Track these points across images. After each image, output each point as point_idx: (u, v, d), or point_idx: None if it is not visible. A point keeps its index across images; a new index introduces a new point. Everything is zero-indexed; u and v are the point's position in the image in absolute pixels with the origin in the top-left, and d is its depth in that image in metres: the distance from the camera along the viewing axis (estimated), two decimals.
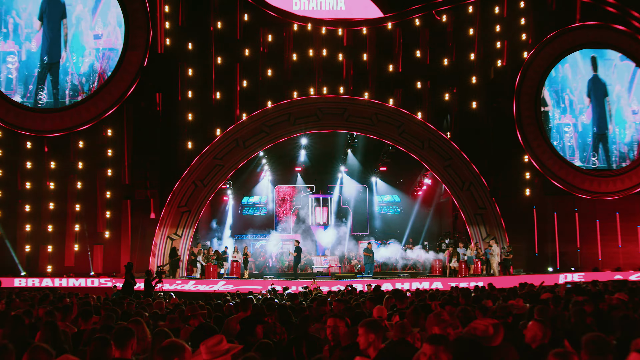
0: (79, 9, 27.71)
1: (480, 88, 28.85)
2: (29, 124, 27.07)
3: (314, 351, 7.54)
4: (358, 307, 11.06)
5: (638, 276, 26.00)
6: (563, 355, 5.12)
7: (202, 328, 8.14)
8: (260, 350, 6.42)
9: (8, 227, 27.04)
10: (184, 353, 4.53)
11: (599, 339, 5.50)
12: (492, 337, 6.10)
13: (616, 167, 29.30)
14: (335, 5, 29.22)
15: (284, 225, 32.72)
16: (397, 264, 29.27)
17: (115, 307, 10.23)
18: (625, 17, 29.71)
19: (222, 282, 24.55)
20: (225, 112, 27.80)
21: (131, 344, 5.50)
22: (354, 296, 14.76)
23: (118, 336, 5.49)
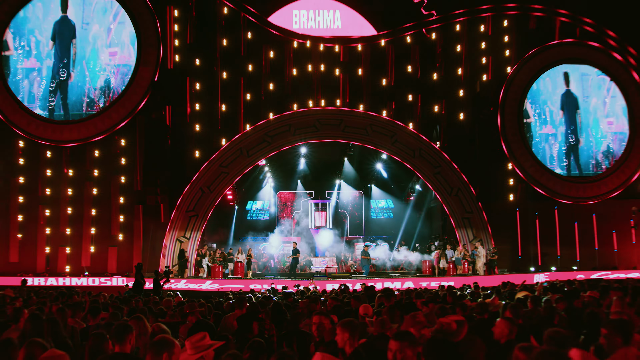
0: (95, 29, 27.83)
1: (467, 101, 28.92)
2: (49, 134, 27.20)
3: (304, 346, 7.58)
4: (348, 304, 11.09)
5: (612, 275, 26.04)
6: (527, 349, 5.17)
7: (199, 324, 8.16)
8: (252, 348, 6.44)
9: (29, 230, 27.15)
10: (173, 348, 4.56)
11: (558, 334, 5.58)
12: (456, 332, 6.17)
13: (593, 174, 29.32)
14: (332, 24, 29.34)
15: (285, 228, 32.70)
16: (387, 265, 29.27)
17: (122, 305, 10.27)
18: (601, 36, 29.77)
19: (209, 281, 24.71)
20: (230, 123, 27.83)
21: (129, 339, 5.53)
22: (346, 294, 14.75)
23: (117, 332, 5.53)
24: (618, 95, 29.79)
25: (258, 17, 28.42)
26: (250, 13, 28.31)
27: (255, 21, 28.35)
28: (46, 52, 27.66)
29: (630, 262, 28.70)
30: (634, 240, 28.85)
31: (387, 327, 6.56)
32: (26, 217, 27.13)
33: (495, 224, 28.21)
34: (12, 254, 27.01)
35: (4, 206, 27.20)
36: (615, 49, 29.72)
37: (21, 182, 27.21)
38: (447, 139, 28.79)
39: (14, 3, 27.68)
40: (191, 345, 4.82)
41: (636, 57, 29.72)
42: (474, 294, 14.29)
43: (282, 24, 28.78)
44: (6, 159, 27.36)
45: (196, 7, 28.27)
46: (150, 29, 27.58)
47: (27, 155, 27.32)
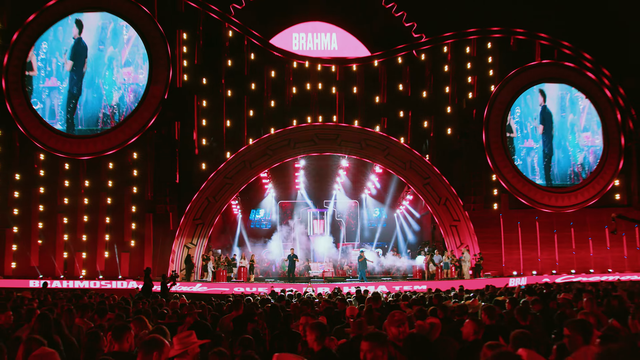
0: (110, 50, 28.03)
1: (454, 116, 29.01)
2: (67, 148, 27.34)
3: (294, 345, 7.62)
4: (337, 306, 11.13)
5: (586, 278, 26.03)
6: (494, 347, 5.22)
7: (197, 325, 8.21)
8: (242, 344, 6.49)
9: (48, 236, 27.24)
10: (163, 347, 4.61)
11: (522, 334, 5.63)
12: (430, 333, 6.23)
13: (570, 185, 29.37)
14: (329, 45, 29.57)
15: (286, 235, 32.68)
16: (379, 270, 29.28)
17: (127, 306, 10.30)
18: (578, 57, 29.92)
19: (198, 284, 24.77)
20: (234, 138, 27.90)
21: (127, 337, 5.57)
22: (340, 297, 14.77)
23: (115, 331, 5.58)
24: (593, 111, 29.87)
25: (260, 39, 28.57)
26: (254, 36, 28.47)
27: (258, 43, 28.50)
28: (65, 72, 27.87)
29: (604, 266, 28.69)
30: (608, 246, 28.84)
31: (364, 328, 6.59)
32: (46, 225, 27.24)
33: (481, 231, 28.21)
34: (32, 258, 27.10)
35: (26, 214, 27.31)
36: (590, 69, 29.84)
37: (41, 192, 27.34)
38: (436, 152, 28.79)
39: (37, 28, 27.90)
40: (178, 341, 4.88)
41: (609, 78, 29.85)
42: (457, 297, 14.32)
43: (282, 46, 28.97)
44: (28, 170, 27.49)
45: (203, 31, 28.35)
46: (161, 51, 27.75)
47: (47, 167, 27.46)
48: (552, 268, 28.45)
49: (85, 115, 27.71)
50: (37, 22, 28.01)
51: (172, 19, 28.10)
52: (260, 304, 12.35)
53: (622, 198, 29.45)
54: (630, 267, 28.67)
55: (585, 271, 28.27)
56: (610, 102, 29.73)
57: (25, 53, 27.84)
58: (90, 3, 28.27)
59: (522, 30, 29.92)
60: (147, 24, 27.91)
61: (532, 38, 29.85)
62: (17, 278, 26.35)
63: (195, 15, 28.30)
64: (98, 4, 28.23)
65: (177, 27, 27.99)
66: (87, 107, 27.74)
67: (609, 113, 29.72)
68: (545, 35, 29.88)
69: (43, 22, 28.06)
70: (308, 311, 8.66)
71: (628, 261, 28.90)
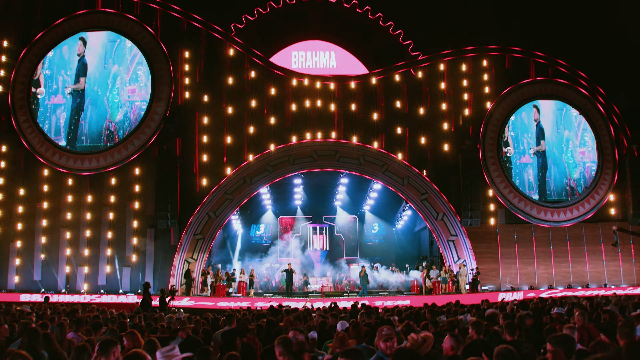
0: (114, 69, 28.25)
1: (451, 133, 29.03)
2: (71, 164, 27.45)
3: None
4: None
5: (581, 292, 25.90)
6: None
7: (188, 340, 8.18)
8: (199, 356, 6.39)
9: (52, 250, 27.26)
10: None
11: (505, 350, 5.60)
12: (422, 347, 6.21)
13: (565, 199, 29.35)
14: (328, 63, 29.71)
15: (286, 250, 32.65)
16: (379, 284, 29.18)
17: (123, 320, 10.27)
18: (573, 75, 30.05)
19: (186, 298, 24.68)
20: (235, 154, 27.92)
21: (113, 352, 5.56)
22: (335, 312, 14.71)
23: (101, 345, 5.57)
24: (588, 128, 29.93)
25: (261, 58, 28.73)
26: (254, 54, 28.63)
27: (259, 61, 28.65)
28: (70, 89, 28.10)
29: (600, 280, 28.58)
30: (604, 260, 28.76)
31: (345, 343, 6.57)
32: (49, 239, 27.27)
33: (478, 246, 28.19)
34: (35, 272, 27.11)
35: (29, 229, 27.35)
36: (585, 87, 29.95)
37: (45, 207, 27.38)
38: (433, 167, 28.75)
39: (43, 46, 28.24)
40: (161, 355, 4.88)
41: (604, 96, 29.97)
42: (450, 312, 14.25)
43: (282, 64, 29.12)
44: (32, 186, 27.56)
45: (205, 49, 28.53)
46: (163, 69, 27.95)
47: (50, 182, 27.53)
48: (549, 282, 28.34)
49: (89, 132, 27.87)
50: (43, 40, 28.32)
51: (174, 37, 28.30)
52: (256, 318, 12.31)
53: (617, 213, 29.38)
54: (627, 281, 28.57)
55: (582, 285, 28.19)
56: (604, 118, 29.81)
57: (31, 71, 28.13)
58: (95, 22, 28.55)
59: (519, 48, 30.11)
60: (150, 42, 28.14)
61: (528, 56, 30.01)
62: (20, 292, 26.32)
63: (197, 34, 28.52)
64: (103, 23, 28.52)
65: (179, 46, 28.18)
66: (91, 123, 27.91)
67: (603, 129, 29.79)
68: (542, 54, 30.04)
69: (48, 42, 28.37)
70: (297, 326, 8.63)
71: (624, 275, 28.79)
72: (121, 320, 9.99)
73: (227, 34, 28.76)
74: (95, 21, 28.52)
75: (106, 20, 28.44)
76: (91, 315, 12.51)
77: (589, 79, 30.04)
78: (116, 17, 28.37)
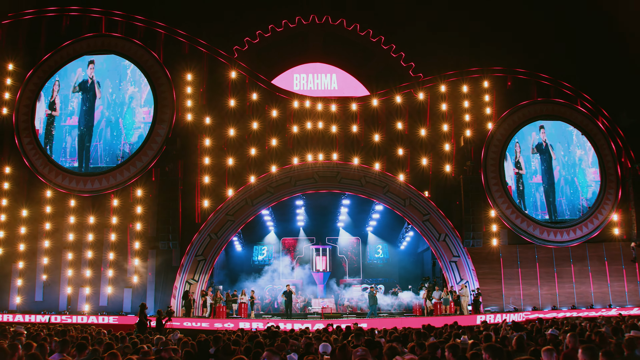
0: (131, 90, 28.49)
1: (452, 154, 28.95)
2: (73, 185, 27.58)
3: None
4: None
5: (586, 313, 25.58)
6: None
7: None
8: None
9: (53, 272, 27.26)
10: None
11: None
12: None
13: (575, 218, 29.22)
14: (329, 85, 29.88)
15: (288, 271, 32.50)
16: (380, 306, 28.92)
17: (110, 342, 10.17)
18: (577, 97, 30.06)
19: (185, 319, 24.53)
20: (236, 176, 27.92)
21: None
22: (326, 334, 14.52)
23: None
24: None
25: (263, 80, 28.91)
26: (256, 77, 28.82)
27: (260, 84, 28.81)
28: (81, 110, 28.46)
29: (605, 300, 28.26)
30: (608, 280, 28.46)
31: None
32: (51, 260, 27.28)
33: (481, 267, 27.97)
34: (37, 293, 27.11)
35: (32, 250, 27.40)
36: (587, 107, 29.94)
37: (47, 228, 27.45)
38: (435, 188, 28.66)
39: (47, 69, 28.65)
40: None
41: (606, 116, 29.92)
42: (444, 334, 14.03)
43: (284, 86, 29.30)
44: (35, 207, 27.66)
45: (207, 72, 28.74)
46: (166, 92, 28.17)
47: (53, 204, 27.62)
48: (553, 303, 28.03)
49: (105, 153, 28.01)
50: (48, 63, 28.67)
51: (177, 60, 28.54)
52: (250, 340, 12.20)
53: (621, 232, 29.11)
54: (632, 302, 28.23)
55: (587, 306, 27.88)
56: (606, 137, 29.72)
57: (35, 93, 28.43)
58: (99, 46, 28.87)
59: (522, 69, 30.17)
60: (153, 65, 28.41)
61: (532, 78, 30.05)
62: (22, 313, 26.28)
63: (199, 56, 28.77)
64: (107, 46, 28.83)
65: (181, 68, 28.35)
66: (107, 144, 28.08)
67: (606, 149, 29.70)
68: (546, 76, 30.09)
69: (53, 65, 28.71)
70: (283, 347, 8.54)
71: (629, 295, 28.47)
72: (107, 342, 9.89)
73: (229, 57, 28.99)
74: (99, 44, 28.85)
75: (110, 44, 28.77)
76: (82, 336, 12.42)
77: (592, 99, 30.04)
78: (120, 41, 28.71)
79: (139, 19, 29.01)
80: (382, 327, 20.11)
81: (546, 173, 29.59)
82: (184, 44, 28.90)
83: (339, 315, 27.90)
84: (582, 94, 30.17)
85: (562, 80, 30.09)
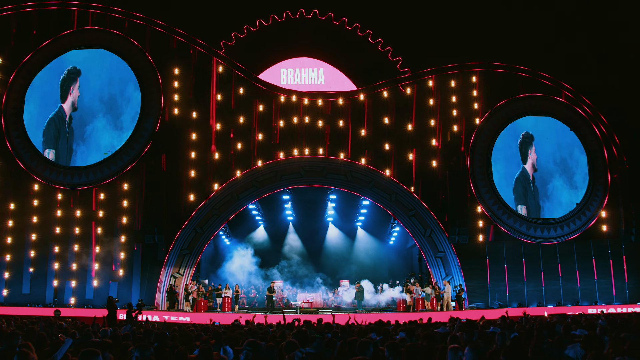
0: (118, 84, 28.71)
1: (439, 149, 28.89)
2: (61, 179, 27.85)
3: None
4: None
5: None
6: None
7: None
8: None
9: (40, 264, 27.55)
10: None
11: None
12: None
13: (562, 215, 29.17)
14: (316, 80, 29.93)
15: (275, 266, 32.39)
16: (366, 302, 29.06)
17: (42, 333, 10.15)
18: (558, 88, 29.87)
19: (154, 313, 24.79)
20: (222, 170, 28.01)
21: None
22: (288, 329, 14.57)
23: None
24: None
25: (249, 74, 28.94)
26: (242, 71, 28.86)
27: (247, 78, 28.85)
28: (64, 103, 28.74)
29: (592, 297, 28.21)
30: (595, 277, 28.41)
31: None
32: (38, 253, 27.55)
33: (466, 262, 27.95)
34: (24, 286, 27.44)
35: (19, 243, 27.69)
36: (572, 100, 29.75)
37: (34, 221, 27.72)
38: (421, 183, 28.61)
39: (36, 63, 28.79)
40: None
41: (591, 107, 29.70)
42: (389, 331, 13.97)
43: (271, 80, 29.36)
44: (22, 200, 27.94)
45: (194, 66, 28.83)
46: (153, 85, 28.29)
47: (41, 197, 27.87)
48: (539, 299, 28.02)
49: (90, 147, 28.25)
50: (36, 57, 28.80)
51: (163, 54, 28.65)
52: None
53: (609, 229, 28.99)
54: (620, 299, 28.18)
55: (574, 302, 27.86)
56: (595, 134, 29.54)
57: (24, 87, 28.56)
58: (88, 40, 29.00)
59: (502, 63, 30.01)
60: (141, 59, 28.53)
61: (512, 71, 29.90)
62: (8, 305, 26.56)
63: (186, 51, 28.85)
64: (95, 40, 28.95)
65: (168, 62, 28.50)
66: (92, 138, 28.35)
67: (594, 145, 29.52)
68: (525, 68, 29.95)
69: (41, 59, 28.84)
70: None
71: (617, 292, 28.42)
72: (40, 333, 9.88)
73: (214, 50, 29.04)
74: (87, 38, 28.95)
75: (98, 38, 28.90)
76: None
77: (575, 91, 29.82)
78: (107, 35, 28.81)
79: (124, 13, 29.01)
80: (346, 321, 20.15)
81: (535, 169, 29.47)
82: (170, 37, 28.97)
83: (315, 310, 27.95)
84: (562, 83, 29.94)
85: (541, 72, 29.89)
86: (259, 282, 31.42)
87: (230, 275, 30.25)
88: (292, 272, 31.76)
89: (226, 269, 30.40)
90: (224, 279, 29.76)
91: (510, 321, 15.06)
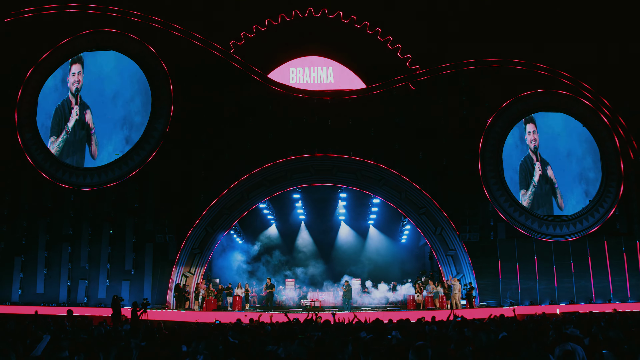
0: (128, 85, 29.11)
1: (449, 146, 28.72)
2: (74, 180, 28.26)
3: None
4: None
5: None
6: None
7: None
8: None
9: (53, 265, 28.00)
10: None
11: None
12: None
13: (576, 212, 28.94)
14: (325, 79, 29.91)
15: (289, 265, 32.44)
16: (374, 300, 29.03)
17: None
18: (577, 87, 29.61)
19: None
20: (232, 170, 28.08)
21: None
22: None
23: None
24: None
25: (259, 74, 29.09)
26: (253, 71, 29.02)
27: (257, 78, 29.00)
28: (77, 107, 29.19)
29: (606, 295, 27.93)
30: (609, 274, 28.11)
31: None
32: (51, 254, 28.02)
33: (478, 260, 27.80)
34: (38, 285, 27.90)
35: (33, 244, 28.17)
36: (589, 99, 29.49)
37: (48, 222, 28.20)
38: (431, 181, 28.47)
39: (49, 66, 29.30)
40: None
41: (609, 108, 29.42)
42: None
43: (280, 79, 29.43)
44: (36, 202, 28.43)
45: (205, 66, 28.99)
46: (164, 86, 28.59)
47: (54, 198, 28.34)
48: (552, 297, 27.81)
49: (102, 147, 28.69)
50: (49, 59, 29.32)
51: (174, 55, 28.92)
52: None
53: (622, 226, 28.70)
54: (635, 297, 27.85)
55: (587, 300, 27.62)
56: (608, 130, 29.24)
57: (37, 90, 29.09)
58: (100, 42, 29.42)
59: (521, 60, 29.84)
60: (151, 60, 28.86)
61: (530, 68, 29.68)
62: (23, 304, 27.07)
63: (196, 51, 29.09)
64: (107, 42, 29.36)
65: (178, 63, 28.77)
66: (105, 139, 28.80)
67: (608, 141, 29.20)
68: (544, 66, 29.71)
69: (54, 61, 29.37)
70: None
71: (632, 290, 28.10)
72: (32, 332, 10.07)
73: (226, 51, 29.26)
74: (99, 40, 29.38)
75: (109, 40, 29.28)
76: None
77: (594, 90, 29.57)
78: (119, 37, 29.19)
79: (135, 14, 29.42)
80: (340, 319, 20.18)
81: (548, 166, 29.26)
82: (180, 38, 29.24)
83: (320, 309, 27.94)
84: (581, 82, 29.69)
85: (561, 71, 29.67)
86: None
87: (240, 274, 30.40)
88: (303, 270, 31.76)
89: (237, 267, 30.54)
90: (234, 277, 29.94)
91: (512, 319, 15.04)
